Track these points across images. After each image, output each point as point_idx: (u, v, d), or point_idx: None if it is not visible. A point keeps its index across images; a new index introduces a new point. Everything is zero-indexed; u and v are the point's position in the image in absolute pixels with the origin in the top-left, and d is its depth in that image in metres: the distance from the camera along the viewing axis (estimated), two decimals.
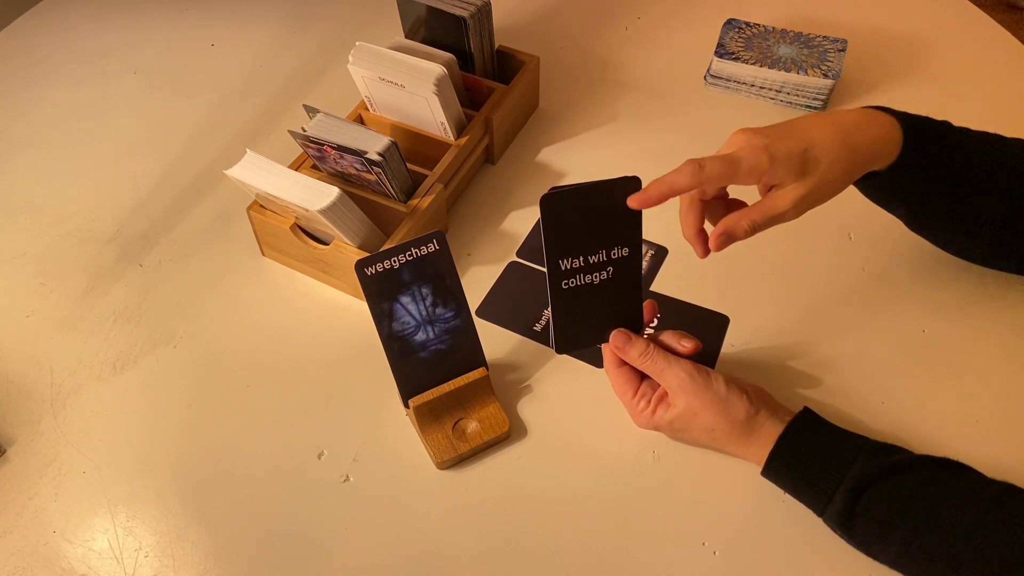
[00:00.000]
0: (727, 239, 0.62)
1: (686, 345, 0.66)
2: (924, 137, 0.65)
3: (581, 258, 0.64)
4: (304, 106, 0.80)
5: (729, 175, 0.60)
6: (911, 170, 0.65)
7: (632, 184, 0.62)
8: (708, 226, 0.65)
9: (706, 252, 0.64)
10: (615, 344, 0.66)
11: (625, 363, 0.67)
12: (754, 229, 0.62)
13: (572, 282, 0.65)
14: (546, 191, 0.61)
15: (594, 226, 0.63)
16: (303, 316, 0.81)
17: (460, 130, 0.87)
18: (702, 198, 0.64)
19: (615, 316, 0.67)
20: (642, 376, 0.68)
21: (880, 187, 0.68)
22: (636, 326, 0.68)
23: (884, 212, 0.73)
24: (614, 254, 0.65)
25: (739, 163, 0.60)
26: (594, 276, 0.65)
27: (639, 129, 0.97)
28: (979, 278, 0.79)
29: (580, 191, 0.62)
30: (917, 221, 0.73)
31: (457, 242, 0.86)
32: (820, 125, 0.63)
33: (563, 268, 0.64)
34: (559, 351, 0.68)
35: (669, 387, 0.65)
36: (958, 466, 0.61)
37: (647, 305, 0.68)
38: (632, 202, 0.62)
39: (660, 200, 0.61)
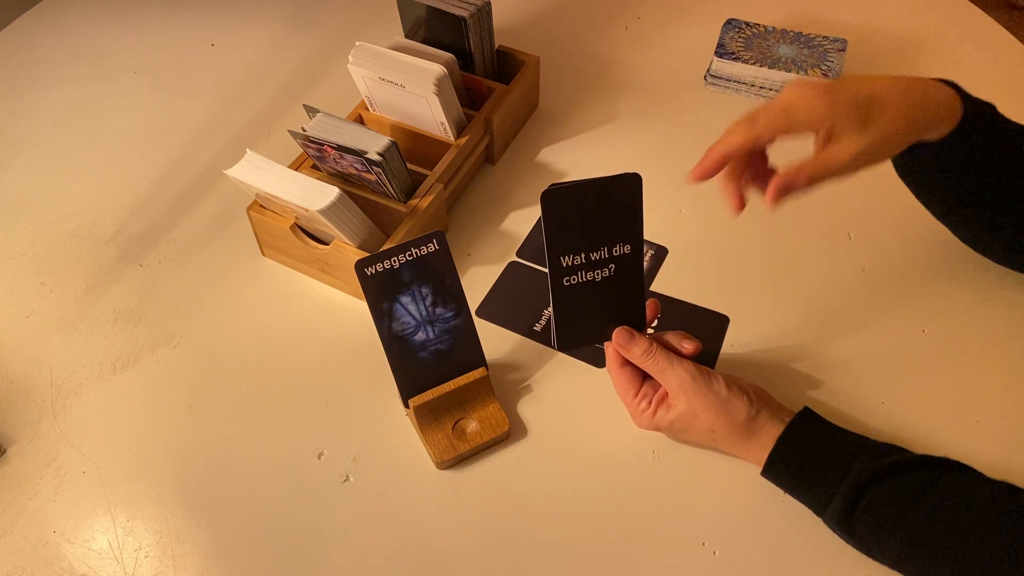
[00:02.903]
0: (785, 190, 0.59)
1: (687, 347, 0.66)
2: (981, 115, 0.64)
3: (583, 255, 0.64)
4: (304, 106, 0.80)
5: (785, 126, 0.58)
6: (964, 146, 0.64)
7: (632, 181, 0.63)
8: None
9: (742, 206, 0.62)
10: (618, 341, 0.66)
11: (627, 363, 0.67)
12: (812, 181, 0.59)
13: (573, 279, 0.65)
14: (546, 187, 0.61)
15: (595, 223, 0.63)
16: (303, 316, 0.81)
17: (460, 130, 0.87)
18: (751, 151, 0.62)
19: (617, 314, 0.67)
20: (644, 377, 0.68)
21: (926, 162, 0.66)
22: (639, 325, 0.68)
23: (884, 212, 0.73)
24: (616, 251, 0.65)
25: (796, 112, 0.58)
26: (596, 273, 0.65)
27: (639, 129, 0.97)
28: (979, 278, 0.79)
29: (581, 187, 0.62)
30: (947, 206, 0.71)
31: (457, 242, 0.86)
32: (880, 79, 0.60)
33: (564, 265, 0.64)
34: (560, 348, 0.68)
35: (670, 387, 0.65)
36: (958, 466, 0.61)
37: (650, 304, 0.68)
38: (691, 177, 0.60)
39: (718, 168, 0.59)
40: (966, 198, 0.70)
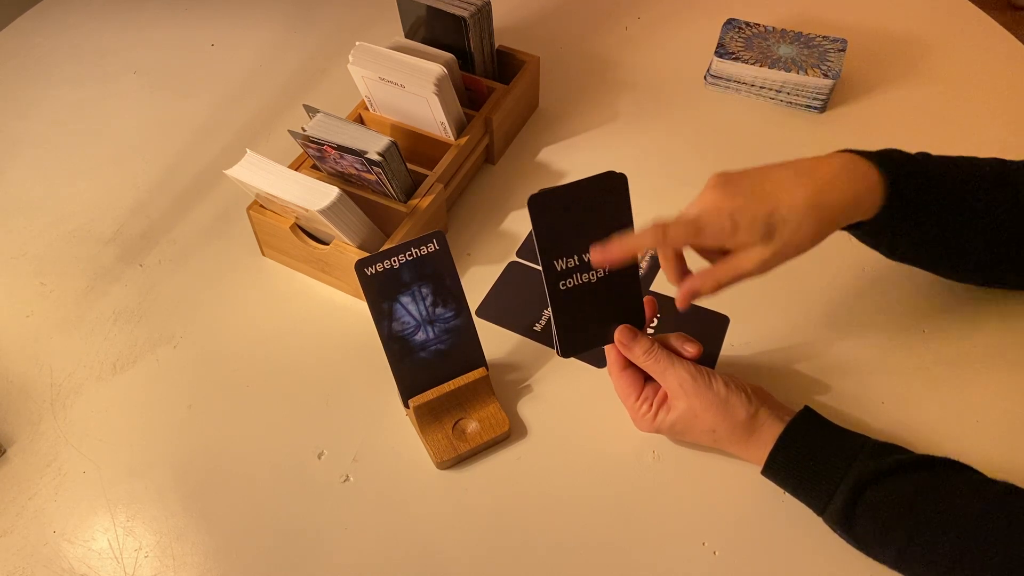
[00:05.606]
0: (692, 296, 0.63)
1: (689, 350, 0.66)
2: (908, 186, 0.64)
3: (575, 257, 0.64)
4: (304, 106, 0.80)
5: (693, 239, 0.61)
6: (894, 219, 0.65)
7: (617, 179, 0.63)
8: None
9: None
10: (620, 339, 0.66)
11: (629, 366, 0.67)
12: (719, 287, 0.63)
13: (569, 282, 0.65)
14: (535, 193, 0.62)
15: (585, 224, 0.63)
16: (303, 316, 0.81)
17: (460, 130, 0.87)
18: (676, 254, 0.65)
19: (616, 314, 0.67)
20: (645, 381, 0.68)
21: (863, 235, 0.68)
22: (638, 324, 0.68)
23: None
24: None
25: (703, 229, 0.60)
26: (591, 275, 0.65)
27: (639, 129, 0.97)
28: None
29: (566, 190, 0.62)
30: (900, 258, 0.71)
31: (457, 242, 0.86)
32: (792, 183, 0.61)
33: (558, 269, 0.64)
34: (564, 355, 0.67)
35: (670, 388, 0.65)
36: (958, 466, 0.61)
37: (647, 302, 0.68)
38: (593, 255, 0.63)
39: (619, 259, 0.62)
40: (917, 251, 0.70)
